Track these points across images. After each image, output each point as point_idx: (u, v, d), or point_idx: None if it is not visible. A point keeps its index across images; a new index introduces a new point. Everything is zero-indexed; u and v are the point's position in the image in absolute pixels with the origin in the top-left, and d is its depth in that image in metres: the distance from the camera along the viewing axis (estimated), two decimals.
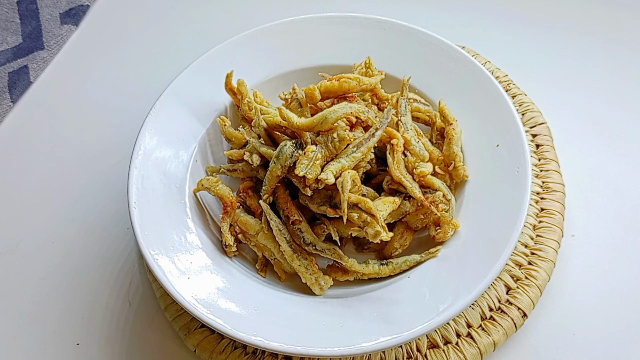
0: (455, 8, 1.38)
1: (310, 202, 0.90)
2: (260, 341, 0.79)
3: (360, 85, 0.96)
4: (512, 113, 0.96)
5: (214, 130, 1.05)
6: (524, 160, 0.91)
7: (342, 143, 0.87)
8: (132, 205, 0.91)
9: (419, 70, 1.07)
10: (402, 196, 0.91)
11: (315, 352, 0.79)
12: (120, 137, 1.18)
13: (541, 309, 0.95)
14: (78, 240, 1.06)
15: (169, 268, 0.86)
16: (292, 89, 0.97)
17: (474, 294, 0.80)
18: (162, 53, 1.35)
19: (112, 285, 1.01)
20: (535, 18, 1.35)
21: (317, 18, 1.13)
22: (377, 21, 1.11)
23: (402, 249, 0.93)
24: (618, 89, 1.22)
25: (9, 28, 1.43)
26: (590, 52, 1.29)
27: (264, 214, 0.92)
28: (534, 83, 1.20)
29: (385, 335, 0.79)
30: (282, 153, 0.88)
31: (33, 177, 1.15)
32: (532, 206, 1.01)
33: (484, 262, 0.83)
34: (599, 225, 1.04)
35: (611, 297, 0.96)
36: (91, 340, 0.96)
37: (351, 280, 0.91)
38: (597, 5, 1.36)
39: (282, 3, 1.43)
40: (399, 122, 0.95)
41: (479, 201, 0.92)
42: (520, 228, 0.84)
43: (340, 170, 0.85)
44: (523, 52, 1.29)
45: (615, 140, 1.14)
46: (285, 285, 0.93)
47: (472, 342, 0.89)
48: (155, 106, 1.02)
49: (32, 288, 1.02)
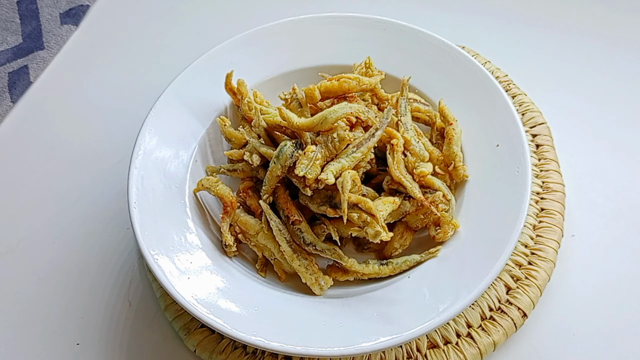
0: (456, 9, 1.38)
1: (310, 202, 0.90)
2: (260, 341, 0.79)
3: (360, 85, 0.96)
4: (512, 113, 0.96)
5: (214, 130, 1.05)
6: (524, 160, 0.90)
7: (342, 143, 0.87)
8: (132, 206, 0.91)
9: (419, 70, 1.07)
10: (402, 196, 0.91)
11: (315, 352, 0.79)
12: (120, 137, 1.19)
13: (541, 309, 0.95)
14: (78, 240, 1.07)
15: (169, 268, 0.86)
16: (292, 88, 0.97)
17: (474, 294, 0.80)
18: (162, 53, 1.35)
19: (112, 285, 1.01)
20: (536, 18, 1.35)
21: (317, 18, 1.13)
22: (377, 21, 1.11)
23: (402, 249, 0.93)
24: (618, 89, 1.22)
25: (8, 28, 1.43)
26: (590, 52, 1.29)
27: (263, 214, 0.92)
28: (534, 83, 1.21)
29: (385, 335, 0.79)
30: (282, 153, 0.88)
31: (33, 177, 1.15)
32: (532, 206, 1.01)
33: (484, 262, 0.83)
34: (599, 225, 1.04)
35: (611, 297, 0.96)
36: (91, 340, 0.96)
37: (351, 280, 0.91)
38: (597, 6, 1.37)
39: (282, 3, 1.43)
40: (398, 122, 0.95)
41: (479, 201, 0.92)
42: (520, 228, 0.84)
43: (340, 171, 0.85)
44: (523, 53, 1.29)
45: (615, 140, 1.14)
46: (286, 285, 0.93)
47: (472, 342, 0.89)
48: (155, 106, 1.02)
49: (32, 288, 1.02)
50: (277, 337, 0.80)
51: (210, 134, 1.05)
